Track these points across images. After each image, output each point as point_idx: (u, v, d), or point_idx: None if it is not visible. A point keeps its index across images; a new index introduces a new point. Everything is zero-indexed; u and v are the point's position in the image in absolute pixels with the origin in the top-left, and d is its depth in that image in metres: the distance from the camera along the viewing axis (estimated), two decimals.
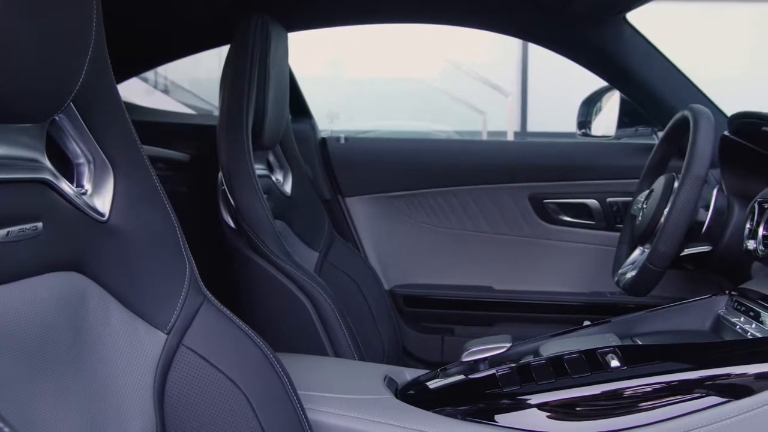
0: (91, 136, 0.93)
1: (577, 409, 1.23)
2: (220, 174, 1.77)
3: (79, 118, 0.91)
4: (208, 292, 1.03)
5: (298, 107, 2.50)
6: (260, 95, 1.77)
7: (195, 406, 0.98)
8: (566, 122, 2.47)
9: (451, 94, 6.39)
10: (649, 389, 1.21)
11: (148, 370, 0.95)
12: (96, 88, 0.92)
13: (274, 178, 1.98)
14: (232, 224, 1.78)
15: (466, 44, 6.16)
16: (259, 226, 1.71)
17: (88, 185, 0.95)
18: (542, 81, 6.58)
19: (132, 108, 2.65)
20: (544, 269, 2.42)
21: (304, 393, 1.10)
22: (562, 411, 1.22)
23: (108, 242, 0.94)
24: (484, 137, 6.12)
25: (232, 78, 1.77)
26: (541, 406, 1.23)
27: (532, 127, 6.91)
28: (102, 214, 0.94)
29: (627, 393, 1.21)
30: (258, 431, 1.00)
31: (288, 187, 2.04)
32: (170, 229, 1.01)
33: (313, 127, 2.52)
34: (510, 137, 6.28)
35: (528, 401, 1.24)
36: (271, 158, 2.03)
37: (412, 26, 2.40)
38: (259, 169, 1.87)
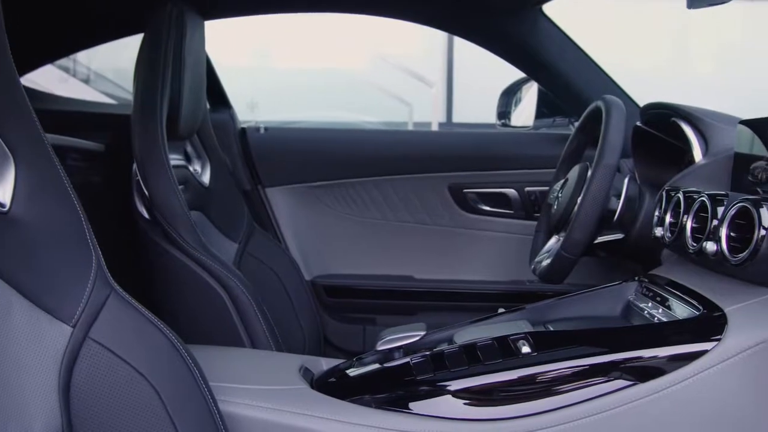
0: None
1: (490, 394, 1.25)
2: (135, 164, 1.73)
3: None
4: (115, 284, 1.01)
5: (217, 97, 2.47)
6: (175, 84, 1.75)
7: (103, 400, 0.96)
8: (492, 113, 2.50)
9: (378, 85, 6.39)
10: (559, 374, 1.23)
11: (53, 365, 0.93)
12: None
13: (191, 169, 1.96)
14: (146, 215, 1.75)
15: (393, 36, 6.16)
16: (173, 216, 1.68)
17: None
18: (468, 72, 6.62)
19: (42, 96, 2.58)
20: (464, 258, 2.44)
21: (216, 384, 1.09)
22: (474, 397, 1.24)
23: (9, 234, 0.91)
24: (410, 128, 6.14)
25: (145, 67, 1.74)
26: (454, 393, 1.24)
27: (458, 118, 6.95)
28: (2, 205, 0.92)
29: (538, 378, 1.24)
30: (168, 424, 0.98)
31: (206, 178, 2.01)
32: (75, 220, 0.98)
33: (232, 116, 2.49)
34: (435, 128, 6.31)
35: (441, 388, 1.25)
36: (189, 148, 2.00)
37: (340, 18, 2.39)
38: (176, 160, 1.84)
